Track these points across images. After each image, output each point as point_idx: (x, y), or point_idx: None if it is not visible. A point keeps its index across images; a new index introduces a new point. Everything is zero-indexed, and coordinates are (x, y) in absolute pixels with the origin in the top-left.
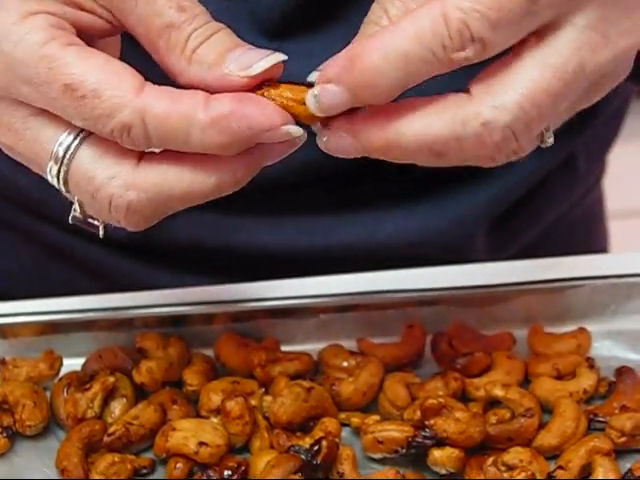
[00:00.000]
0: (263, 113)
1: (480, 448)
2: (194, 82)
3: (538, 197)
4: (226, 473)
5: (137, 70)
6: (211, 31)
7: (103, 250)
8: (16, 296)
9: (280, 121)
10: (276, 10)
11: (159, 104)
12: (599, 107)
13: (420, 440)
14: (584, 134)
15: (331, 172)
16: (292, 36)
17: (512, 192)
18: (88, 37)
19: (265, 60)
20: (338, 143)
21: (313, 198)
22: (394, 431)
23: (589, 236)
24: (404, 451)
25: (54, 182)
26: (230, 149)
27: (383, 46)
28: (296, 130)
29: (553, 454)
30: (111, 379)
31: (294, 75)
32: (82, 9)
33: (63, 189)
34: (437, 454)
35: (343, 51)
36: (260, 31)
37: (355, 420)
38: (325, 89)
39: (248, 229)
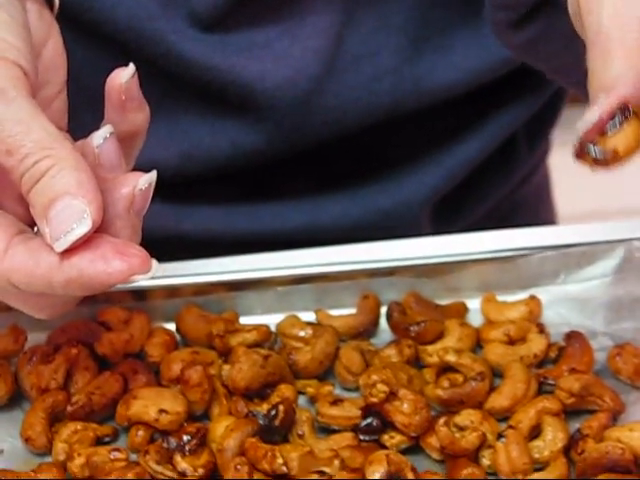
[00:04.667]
0: (108, 272)
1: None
2: None
3: (480, 179)
4: (185, 438)
5: None
6: (38, 175)
7: None
8: None
9: (126, 274)
10: (215, 5)
11: (19, 270)
12: (539, 89)
13: (366, 428)
14: (524, 116)
15: (277, 159)
16: (233, 30)
17: (455, 175)
18: None
19: (74, 234)
20: None
21: (260, 184)
22: (341, 418)
23: (536, 215)
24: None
25: None
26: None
27: None
28: (142, 277)
29: (504, 416)
30: (74, 351)
31: (238, 67)
32: None
33: None
34: (388, 443)
35: None
36: (201, 27)
37: (310, 390)
38: None
39: (197, 216)
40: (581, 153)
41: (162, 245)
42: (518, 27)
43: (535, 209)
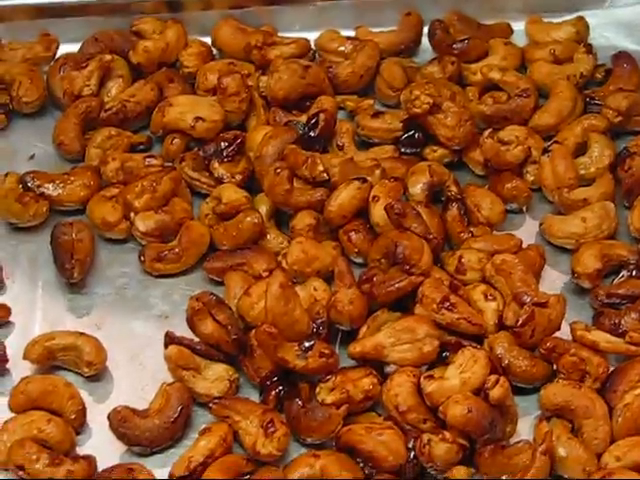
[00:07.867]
0: None
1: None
2: None
3: None
4: (223, 144)
5: None
6: None
7: None
8: None
9: None
10: None
11: None
12: None
13: (408, 141)
14: None
15: None
16: None
17: None
18: None
19: None
20: None
21: None
22: (382, 130)
23: None
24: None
25: None
26: None
27: None
28: None
29: (549, 134)
30: (107, 57)
31: None
32: None
33: None
34: (430, 156)
35: None
36: None
37: (350, 104)
38: None
39: None
40: None
41: None
42: None
43: None
